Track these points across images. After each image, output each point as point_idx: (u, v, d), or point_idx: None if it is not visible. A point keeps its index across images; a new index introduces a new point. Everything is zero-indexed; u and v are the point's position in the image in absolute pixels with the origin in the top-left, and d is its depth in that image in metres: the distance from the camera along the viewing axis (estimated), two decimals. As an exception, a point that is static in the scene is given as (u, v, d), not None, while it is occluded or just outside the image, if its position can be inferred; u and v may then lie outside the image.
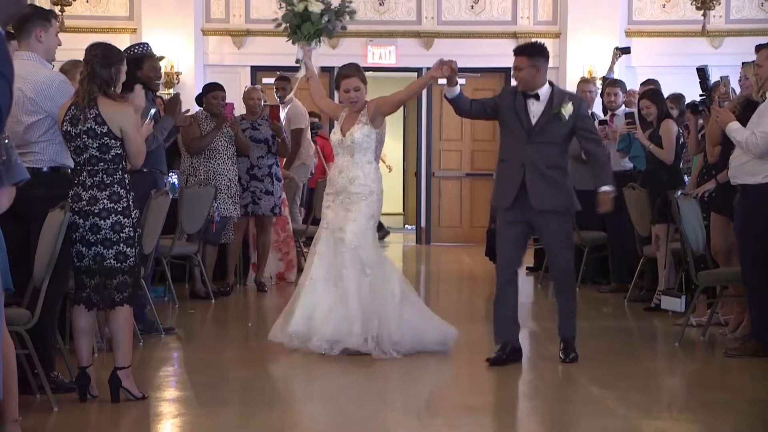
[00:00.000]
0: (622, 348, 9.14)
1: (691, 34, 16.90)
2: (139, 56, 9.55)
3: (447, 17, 18.27)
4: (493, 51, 17.14)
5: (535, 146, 7.75)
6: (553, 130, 7.78)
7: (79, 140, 6.71)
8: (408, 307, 8.26)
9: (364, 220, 8.22)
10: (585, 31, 17.39)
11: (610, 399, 7.10)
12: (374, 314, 8.00)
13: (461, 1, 18.30)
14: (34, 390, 6.74)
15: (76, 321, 6.93)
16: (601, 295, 11.93)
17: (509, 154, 7.93)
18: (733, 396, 7.34)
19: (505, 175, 7.98)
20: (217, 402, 7.00)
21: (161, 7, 17.44)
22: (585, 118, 8.04)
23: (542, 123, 7.76)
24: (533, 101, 7.79)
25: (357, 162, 8.25)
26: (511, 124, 7.89)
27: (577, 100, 8.04)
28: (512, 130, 7.90)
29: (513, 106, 7.85)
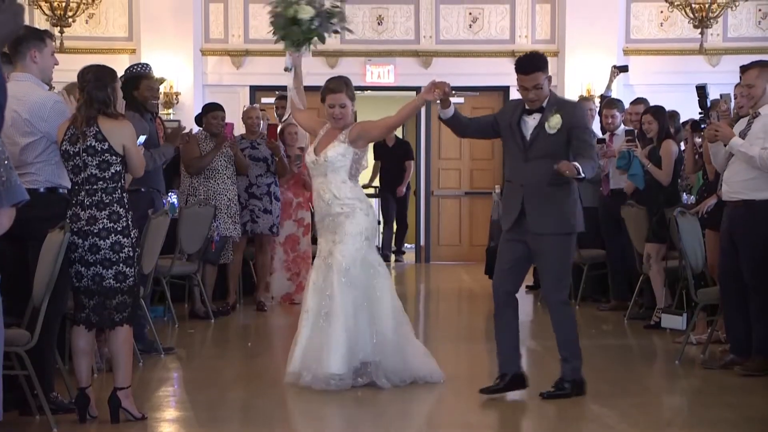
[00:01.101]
0: (622, 366, 9.16)
1: (688, 52, 16.94)
2: (135, 76, 9.57)
3: (445, 36, 18.31)
4: (491, 70, 17.19)
5: (532, 164, 7.30)
6: (548, 145, 7.26)
7: (78, 159, 6.72)
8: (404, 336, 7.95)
9: (350, 239, 7.79)
10: (583, 49, 17.42)
11: (610, 417, 7.10)
12: (366, 343, 7.71)
13: (459, 21, 18.35)
14: (34, 411, 6.74)
15: (75, 341, 6.93)
16: (600, 313, 11.93)
17: (511, 174, 7.64)
18: (733, 414, 7.33)
19: (507, 197, 7.67)
20: (217, 422, 6.99)
21: (160, 28, 17.46)
22: (577, 128, 7.34)
23: (535, 137, 7.31)
24: (534, 116, 7.33)
25: (331, 182, 7.85)
26: (509, 142, 7.53)
27: (571, 112, 7.39)
28: (510, 148, 7.57)
29: (509, 123, 7.45)
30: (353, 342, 7.62)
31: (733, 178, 8.43)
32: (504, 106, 7.91)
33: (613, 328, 11.09)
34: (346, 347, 7.58)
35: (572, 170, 6.98)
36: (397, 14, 18.42)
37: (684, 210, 9.48)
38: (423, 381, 7.82)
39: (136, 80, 9.48)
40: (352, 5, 18.06)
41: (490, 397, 7.38)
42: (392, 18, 18.42)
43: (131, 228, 6.81)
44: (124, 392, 6.82)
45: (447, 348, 9.95)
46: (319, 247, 8.05)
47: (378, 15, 18.40)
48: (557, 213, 7.31)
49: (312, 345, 7.68)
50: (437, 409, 7.66)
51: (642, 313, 11.20)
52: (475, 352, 7.83)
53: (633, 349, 10.06)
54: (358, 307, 7.71)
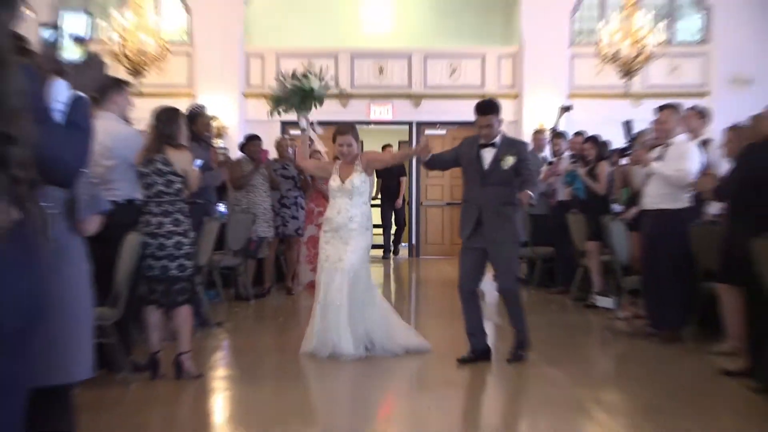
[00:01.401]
0: (566, 336, 9.17)
1: (617, 96, 16.95)
2: (194, 114, 9.62)
3: (431, 83, 18.33)
4: (467, 109, 16.71)
5: (488, 188, 7.47)
6: (501, 175, 7.45)
7: (149, 178, 6.81)
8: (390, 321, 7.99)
9: (361, 251, 7.83)
10: (537, 93, 17.47)
11: (558, 375, 7.13)
12: (366, 328, 7.74)
13: (442, 71, 18.36)
14: (118, 370, 6.77)
15: (147, 317, 6.98)
16: (550, 296, 11.93)
17: (469, 195, 7.63)
18: (649, 371, 7.37)
19: (465, 212, 7.66)
20: (256, 379, 7.02)
21: (212, 77, 17.52)
22: (524, 161, 7.52)
23: (492, 168, 7.47)
24: (489, 149, 7.51)
25: (355, 203, 7.88)
26: (469, 170, 7.60)
27: (519, 149, 7.61)
28: (470, 175, 7.62)
29: (469, 155, 7.59)
30: (356, 327, 7.64)
31: (651, 192, 8.49)
32: (462, 143, 7.84)
33: (559, 308, 11.10)
34: (351, 331, 7.60)
35: (529, 198, 7.30)
36: (394, 66, 18.43)
37: (614, 216, 9.53)
38: (414, 352, 7.84)
39: (194, 117, 9.53)
40: (360, 58, 18.25)
41: (467, 359, 7.46)
42: (390, 69, 18.44)
43: (189, 231, 6.87)
44: (185, 356, 6.89)
45: (432, 323, 9.99)
46: (325, 253, 7.88)
47: (379, 66, 18.41)
48: (508, 226, 7.45)
49: (325, 329, 7.64)
50: (425, 370, 7.68)
51: (581, 296, 11.23)
52: (455, 326, 7.85)
53: (575, 324, 10.06)
54: (358, 301, 7.73)
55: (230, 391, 6.89)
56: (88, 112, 3.08)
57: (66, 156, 2.87)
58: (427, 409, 6.12)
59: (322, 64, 9.60)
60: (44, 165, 2.82)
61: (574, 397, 6.53)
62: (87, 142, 3.00)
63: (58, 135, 2.87)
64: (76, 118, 3.02)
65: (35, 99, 2.80)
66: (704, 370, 7.37)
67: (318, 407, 6.60)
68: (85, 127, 3.01)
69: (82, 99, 3.09)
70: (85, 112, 3.06)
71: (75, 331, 3.78)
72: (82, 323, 3.83)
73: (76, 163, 2.90)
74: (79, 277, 3.83)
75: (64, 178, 2.97)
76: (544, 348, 8.07)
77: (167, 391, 6.64)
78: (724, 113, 12.02)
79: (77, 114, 3.04)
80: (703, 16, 18.21)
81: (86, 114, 3.07)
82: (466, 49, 18.56)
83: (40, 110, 2.82)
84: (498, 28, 19.11)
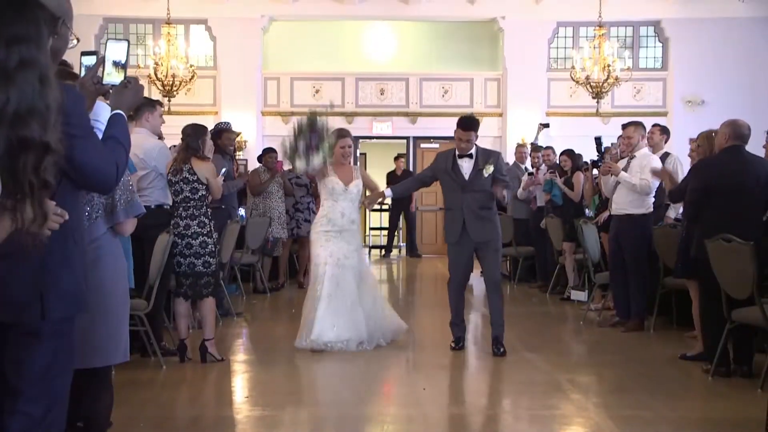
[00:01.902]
0: (544, 326, 9.15)
1: (588, 114, 16.92)
2: (219, 130, 9.60)
3: (426, 102, 18.30)
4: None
5: (469, 195, 7.30)
6: (480, 182, 7.30)
7: (177, 185, 6.82)
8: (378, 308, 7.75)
9: (362, 249, 7.87)
10: (519, 111, 17.44)
11: (537, 360, 7.12)
12: (371, 318, 7.54)
13: (436, 92, 18.35)
14: (150, 354, 6.78)
15: (176, 308, 6.99)
16: (530, 290, 11.91)
17: (452, 203, 7.40)
18: (618, 357, 7.35)
19: (450, 219, 7.42)
20: (272, 363, 7.01)
21: (234, 97, 17.52)
22: (500, 170, 7.45)
23: (472, 177, 7.32)
24: (465, 160, 7.36)
25: (355, 208, 7.67)
26: (449, 181, 7.42)
27: (496, 158, 7.45)
28: (450, 185, 7.43)
29: (446, 168, 7.42)
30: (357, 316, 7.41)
31: (619, 199, 8.49)
32: (437, 159, 7.63)
33: (538, 300, 11.08)
34: (353, 321, 7.38)
35: (503, 192, 7.41)
36: (393, 87, 18.41)
37: (587, 220, 9.51)
38: (394, 333, 7.71)
39: (219, 133, 9.51)
40: (364, 81, 18.25)
41: (456, 348, 7.41)
42: (390, 90, 18.41)
43: (213, 232, 6.86)
44: (209, 342, 6.88)
45: (425, 313, 9.98)
46: (328, 250, 7.46)
47: (381, 88, 18.39)
48: (489, 225, 7.35)
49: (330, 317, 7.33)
50: (419, 355, 7.67)
51: (558, 290, 11.21)
52: (446, 315, 7.82)
53: (552, 315, 10.05)
54: (372, 296, 7.68)
55: (249, 373, 6.88)
56: (125, 128, 3.10)
57: (105, 166, 2.89)
58: (421, 390, 6.10)
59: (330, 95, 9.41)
60: (86, 174, 2.82)
61: (551, 379, 6.52)
62: (124, 153, 3.02)
63: (98, 148, 2.89)
64: (114, 133, 3.04)
65: (79, 116, 2.81)
66: (665, 354, 7.36)
67: (326, 387, 6.58)
68: (123, 141, 3.03)
69: (120, 116, 3.12)
70: (122, 128, 3.09)
71: (113, 320, 3.79)
72: (119, 313, 3.84)
73: (114, 172, 2.92)
74: (116, 273, 3.84)
75: (104, 186, 2.99)
76: (525, 336, 8.06)
77: (194, 373, 6.63)
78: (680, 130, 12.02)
79: (116, 129, 3.06)
80: (661, 45, 18.33)
81: (124, 129, 3.09)
82: (456, 73, 18.56)
83: (84, 126, 2.83)
84: (485, 56, 19.10)
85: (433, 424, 5.28)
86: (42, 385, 2.81)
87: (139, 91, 3.24)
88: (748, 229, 6.28)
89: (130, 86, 3.19)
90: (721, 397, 5.90)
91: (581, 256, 10.06)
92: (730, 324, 6.24)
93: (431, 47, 19.20)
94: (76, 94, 2.88)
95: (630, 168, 8.41)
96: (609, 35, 16.65)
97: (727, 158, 6.60)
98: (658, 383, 6.37)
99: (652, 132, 9.75)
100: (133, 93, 3.20)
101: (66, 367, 2.91)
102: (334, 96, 17.96)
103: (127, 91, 3.18)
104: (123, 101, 3.17)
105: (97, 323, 3.62)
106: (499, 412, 5.74)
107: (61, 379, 2.88)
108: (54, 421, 2.86)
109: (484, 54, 19.05)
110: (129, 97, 3.19)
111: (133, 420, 5.12)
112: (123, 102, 3.16)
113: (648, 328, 8.38)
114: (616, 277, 8.65)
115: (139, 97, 3.26)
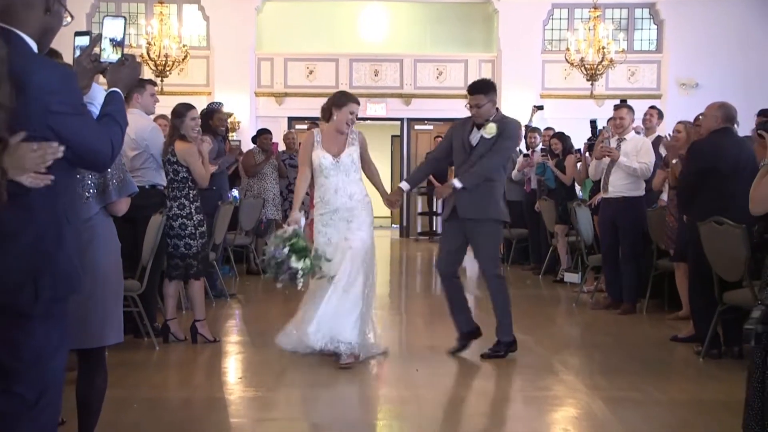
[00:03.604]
0: (537, 307, 9.18)
1: (583, 97, 16.93)
2: (211, 110, 9.58)
3: (420, 84, 18.30)
4: (451, 107, 17.08)
5: (467, 165, 6.34)
6: (483, 150, 6.29)
7: (165, 167, 6.84)
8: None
9: (367, 227, 6.36)
10: (514, 93, 17.40)
11: (530, 341, 7.13)
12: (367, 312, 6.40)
13: (430, 74, 18.33)
14: (143, 335, 6.79)
15: (165, 289, 7.01)
16: (523, 272, 11.95)
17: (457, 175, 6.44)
18: (610, 339, 7.39)
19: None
20: (265, 345, 6.99)
21: (227, 78, 17.50)
22: (504, 139, 6.34)
23: (477, 144, 6.32)
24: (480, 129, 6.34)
25: (352, 179, 6.35)
26: (459, 151, 6.44)
27: (505, 125, 6.37)
28: (458, 155, 6.46)
29: (462, 134, 6.43)
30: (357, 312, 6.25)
31: (615, 183, 8.50)
32: (452, 126, 6.69)
33: (531, 282, 11.12)
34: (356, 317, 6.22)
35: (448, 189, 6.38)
36: (388, 69, 18.39)
37: (580, 203, 9.53)
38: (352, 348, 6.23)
39: (212, 113, 9.47)
40: (358, 62, 18.20)
41: (450, 328, 6.99)
42: (384, 72, 18.40)
43: (195, 214, 6.85)
44: (200, 323, 6.91)
45: (419, 293, 10.00)
46: (326, 236, 6.39)
47: (375, 69, 18.37)
48: (483, 202, 6.31)
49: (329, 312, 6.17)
50: (410, 335, 7.69)
51: (551, 271, 11.24)
52: (436, 296, 7.83)
53: (545, 296, 10.09)
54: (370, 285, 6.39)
55: (242, 354, 6.89)
56: (122, 106, 3.08)
57: (99, 144, 2.87)
58: (415, 371, 6.12)
59: (324, 76, 9.25)
60: (79, 152, 2.81)
61: (544, 359, 6.55)
62: (120, 131, 3.00)
63: (90, 126, 2.87)
64: (110, 110, 3.02)
65: (68, 94, 2.79)
66: (657, 336, 7.41)
67: (319, 369, 6.59)
68: (119, 118, 3.01)
69: (117, 93, 3.10)
70: (119, 106, 3.06)
71: (108, 301, 3.78)
72: (114, 293, 3.83)
73: (109, 150, 2.90)
74: (111, 253, 3.83)
75: (99, 164, 2.97)
76: (519, 317, 8.00)
77: (186, 354, 6.65)
78: (674, 112, 12.02)
79: (112, 106, 3.04)
80: (656, 28, 18.30)
81: (120, 107, 3.07)
82: (451, 55, 18.53)
83: (74, 104, 2.81)
84: (479, 38, 19.07)
85: (426, 405, 5.30)
86: (36, 367, 2.80)
87: (136, 69, 3.21)
88: (743, 212, 6.31)
89: (128, 64, 3.16)
90: (711, 379, 5.94)
91: (574, 239, 10.09)
92: (721, 306, 6.27)
93: (426, 29, 19.16)
94: (65, 71, 2.85)
95: (622, 152, 8.42)
96: (604, 17, 16.66)
97: (721, 140, 6.61)
98: (649, 365, 6.40)
99: (650, 114, 9.78)
100: (131, 71, 3.18)
101: (60, 348, 2.90)
102: (328, 77, 17.95)
103: (124, 68, 3.15)
104: (120, 79, 3.13)
105: (91, 304, 3.62)
106: (492, 393, 5.76)
107: (56, 361, 2.88)
108: (48, 405, 2.85)
109: (479, 35, 19.03)
110: (126, 75, 3.16)
111: (126, 401, 5.13)
112: (120, 80, 3.13)
113: (640, 311, 8.41)
114: (608, 260, 8.67)
115: (136, 75, 3.24)
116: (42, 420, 2.84)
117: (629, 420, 4.96)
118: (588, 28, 15.44)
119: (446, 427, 5.00)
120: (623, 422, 4.91)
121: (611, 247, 8.58)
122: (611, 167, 8.49)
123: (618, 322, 8.07)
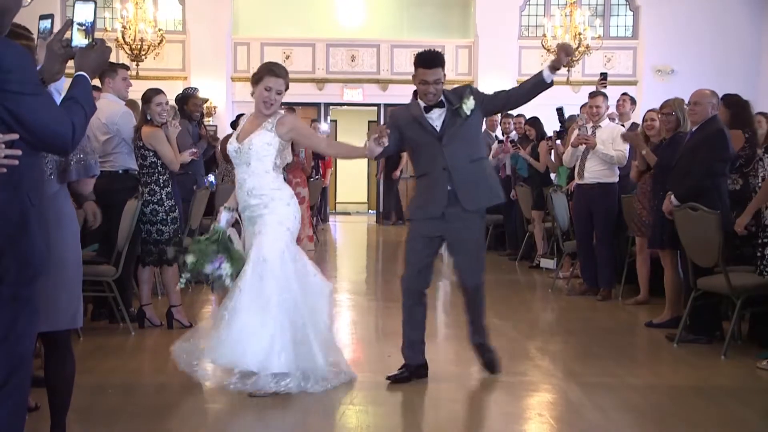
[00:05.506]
0: (514, 293, 9.20)
1: (559, 83, 16.91)
2: (186, 95, 9.50)
3: (397, 69, 18.24)
4: (428, 93, 17.13)
5: (448, 148, 5.24)
6: (463, 128, 5.26)
7: (136, 152, 6.83)
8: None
9: (271, 230, 5.06)
10: (490, 79, 17.37)
11: (507, 327, 7.16)
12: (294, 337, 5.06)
13: (407, 59, 18.23)
14: (119, 320, 6.75)
15: (139, 274, 6.98)
16: (499, 258, 11.96)
17: (428, 165, 5.34)
18: (585, 324, 7.43)
19: (430, 186, 5.35)
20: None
21: (203, 62, 17.40)
22: (488, 95, 5.40)
23: (448, 122, 5.26)
24: (435, 111, 5.30)
25: (253, 171, 5.14)
26: (419, 135, 5.32)
27: (472, 91, 5.35)
28: (422, 140, 5.31)
29: (411, 125, 5.34)
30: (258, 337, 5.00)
31: (591, 169, 8.54)
32: (393, 116, 5.55)
33: (508, 268, 11.15)
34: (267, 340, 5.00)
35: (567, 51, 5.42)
36: (364, 54, 18.34)
37: (556, 189, 9.55)
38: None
39: (187, 99, 9.40)
40: (335, 47, 18.13)
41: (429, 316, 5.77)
42: (361, 57, 18.35)
43: (164, 200, 6.81)
44: (176, 309, 6.89)
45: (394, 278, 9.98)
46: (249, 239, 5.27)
47: (352, 55, 18.31)
48: (485, 186, 5.41)
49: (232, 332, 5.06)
50: (385, 321, 7.68)
51: (527, 257, 11.28)
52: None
53: (521, 282, 10.12)
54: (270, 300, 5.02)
55: (218, 339, 6.84)
56: (87, 89, 3.04)
57: (57, 127, 2.83)
58: (387, 357, 6.11)
59: (301, 61, 9.22)
60: (37, 134, 2.78)
61: (520, 345, 6.57)
62: (83, 114, 2.95)
63: (48, 107, 2.83)
64: (74, 93, 2.98)
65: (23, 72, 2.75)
66: (631, 322, 7.46)
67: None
68: (82, 102, 2.96)
69: (82, 77, 3.05)
70: (83, 88, 3.02)
71: (73, 284, 3.73)
72: (77, 277, 3.78)
73: (69, 133, 2.85)
74: (72, 236, 3.78)
75: (59, 147, 2.94)
76: (495, 304, 8.06)
77: (162, 340, 6.58)
78: (650, 99, 12.07)
79: (76, 89, 2.99)
80: (632, 14, 18.36)
81: (85, 90, 3.02)
82: (428, 40, 18.36)
83: (31, 84, 2.78)
84: (456, 23, 19.06)
85: (400, 391, 5.30)
86: (3, 349, 2.78)
87: (105, 53, 3.16)
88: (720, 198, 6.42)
89: (96, 47, 3.11)
90: (686, 364, 5.98)
91: (550, 225, 10.12)
92: (695, 292, 6.31)
93: (403, 14, 19.11)
94: (18, 49, 2.80)
95: (597, 139, 8.47)
96: (580, 3, 16.68)
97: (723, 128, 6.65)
98: (624, 350, 6.45)
99: (623, 100, 9.82)
100: (99, 54, 3.12)
101: (28, 330, 2.88)
102: (305, 62, 17.87)
103: (92, 52, 3.10)
104: (87, 63, 3.08)
105: (59, 285, 3.56)
106: (467, 378, 5.77)
107: (24, 344, 2.85)
108: (16, 387, 2.83)
109: (456, 21, 19.00)
110: (94, 58, 3.10)
111: (101, 387, 5.10)
112: (87, 63, 3.08)
113: (616, 296, 8.45)
114: (583, 246, 8.71)
115: (105, 59, 3.18)
116: (10, 402, 2.82)
117: (604, 405, 4.98)
118: (564, 14, 15.47)
119: (421, 411, 5.00)
120: (598, 407, 4.93)
121: (586, 233, 8.62)
122: (586, 154, 8.53)
123: (593, 308, 8.11)
